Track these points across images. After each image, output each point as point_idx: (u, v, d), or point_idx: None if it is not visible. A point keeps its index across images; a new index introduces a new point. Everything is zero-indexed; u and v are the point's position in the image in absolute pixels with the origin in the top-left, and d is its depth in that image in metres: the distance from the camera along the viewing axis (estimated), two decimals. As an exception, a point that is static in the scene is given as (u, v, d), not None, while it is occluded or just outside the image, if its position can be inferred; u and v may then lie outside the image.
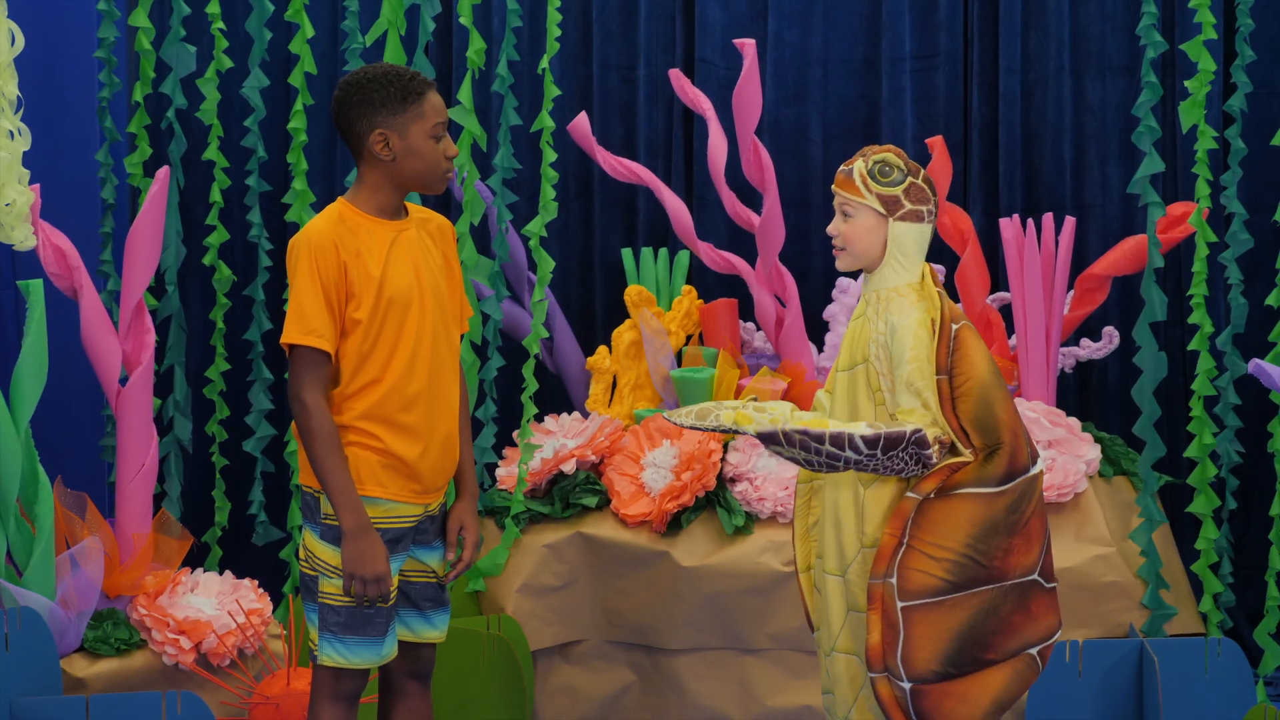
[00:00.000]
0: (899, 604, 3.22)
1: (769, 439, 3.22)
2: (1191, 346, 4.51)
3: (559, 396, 5.10)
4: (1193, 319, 4.48)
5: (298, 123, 4.59)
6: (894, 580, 3.22)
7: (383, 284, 3.29)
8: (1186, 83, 4.37)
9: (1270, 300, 4.45)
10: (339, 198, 3.39)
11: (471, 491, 3.49)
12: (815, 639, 3.48)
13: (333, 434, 3.26)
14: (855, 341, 3.37)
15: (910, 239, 3.35)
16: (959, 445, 3.26)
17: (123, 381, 4.19)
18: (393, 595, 3.33)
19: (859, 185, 3.36)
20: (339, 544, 3.27)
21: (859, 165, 3.37)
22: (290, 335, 3.26)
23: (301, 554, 3.37)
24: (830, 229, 3.41)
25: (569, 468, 4.51)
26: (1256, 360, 4.00)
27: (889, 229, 3.35)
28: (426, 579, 3.43)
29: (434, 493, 3.39)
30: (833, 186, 3.40)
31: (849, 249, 3.38)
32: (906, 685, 3.22)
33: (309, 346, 3.25)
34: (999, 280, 4.97)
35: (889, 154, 3.37)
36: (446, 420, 3.38)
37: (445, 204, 5.20)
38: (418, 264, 3.34)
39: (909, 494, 3.25)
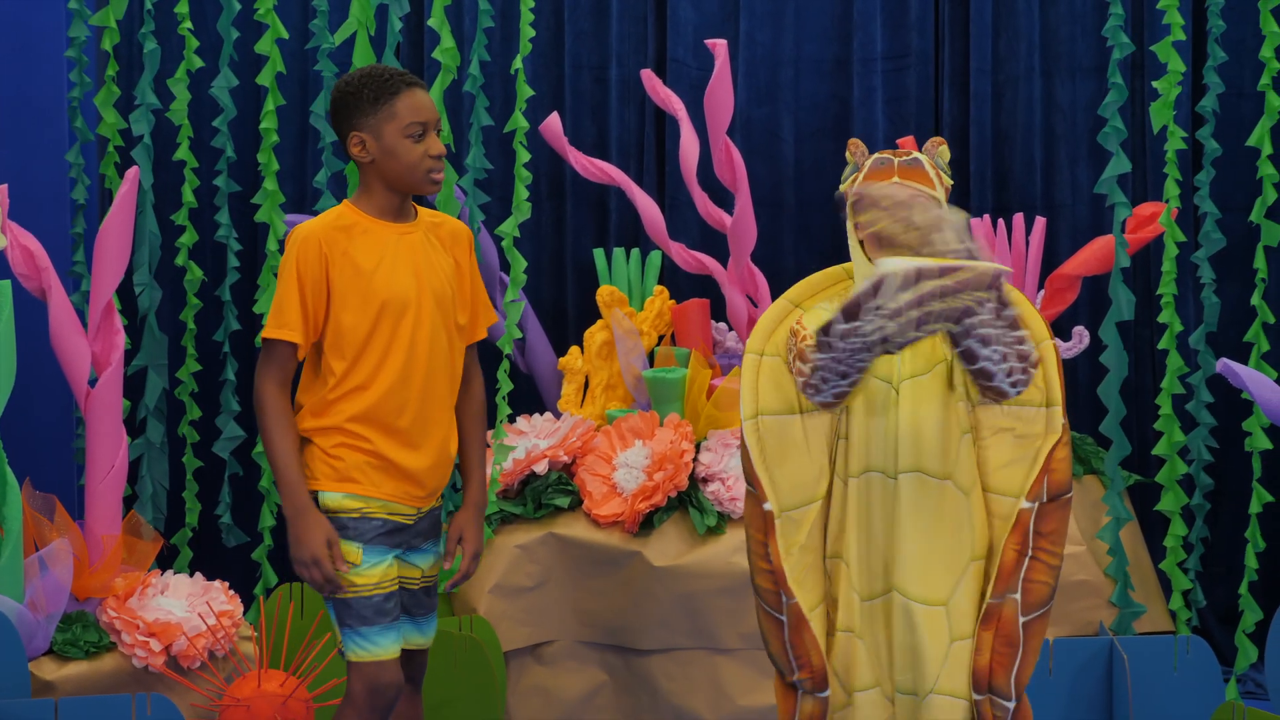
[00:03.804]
0: (1021, 619, 3.06)
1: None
2: (1161, 345, 4.53)
3: (531, 397, 5.10)
4: (1162, 318, 4.50)
5: (269, 123, 4.57)
6: (1017, 595, 3.05)
7: (372, 285, 3.25)
8: (1155, 83, 4.39)
9: (1254, 301, 4.46)
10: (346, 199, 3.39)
11: (476, 501, 3.42)
12: (852, 696, 3.14)
13: (282, 417, 3.24)
14: (911, 347, 3.06)
15: None
16: (1056, 417, 3.08)
17: (92, 383, 4.17)
18: (393, 583, 3.27)
19: (932, 177, 3.14)
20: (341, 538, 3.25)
21: (923, 156, 3.15)
22: (267, 330, 3.26)
23: None
24: None
25: (541, 468, 4.51)
26: (1225, 360, 4.02)
27: None
28: (420, 584, 3.38)
29: (428, 498, 3.34)
30: (898, 178, 3.12)
31: None
32: (1011, 705, 3.08)
33: (277, 339, 3.25)
34: (970, 280, 4.98)
35: (945, 144, 3.19)
36: (442, 426, 3.33)
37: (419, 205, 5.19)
38: (420, 268, 3.30)
39: (1024, 503, 3.06)
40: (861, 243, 3.15)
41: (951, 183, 3.18)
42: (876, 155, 3.18)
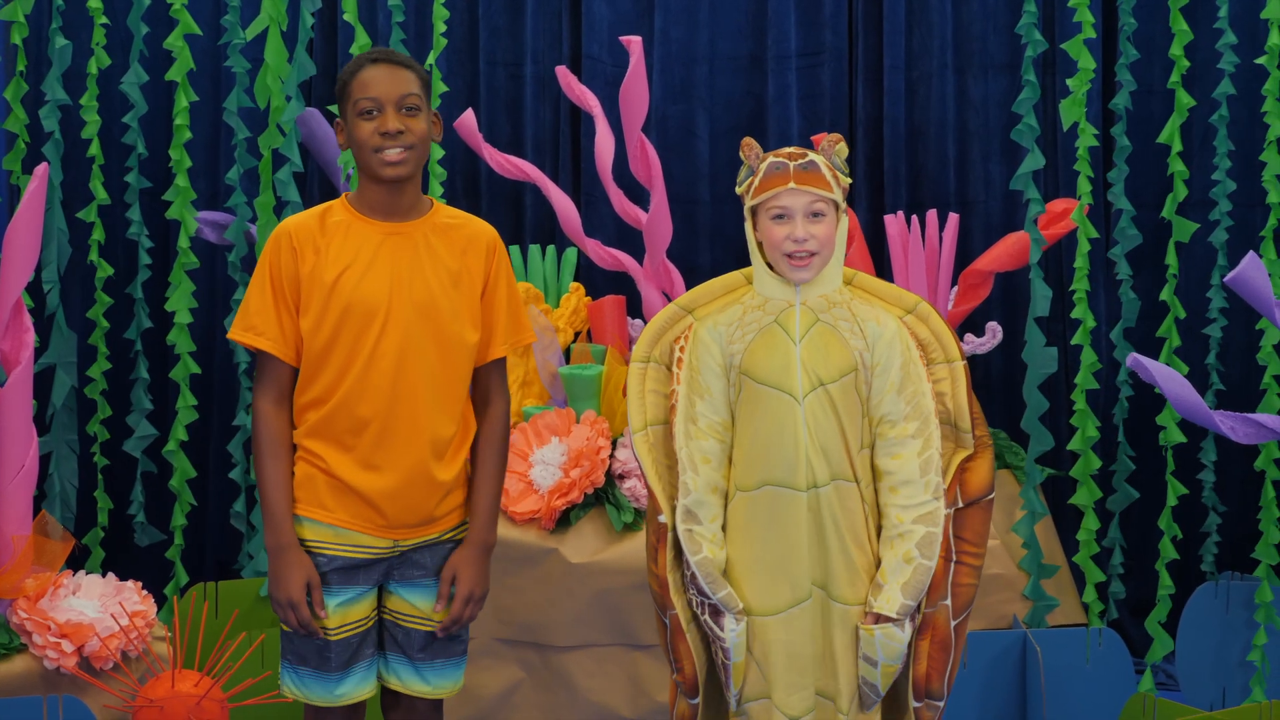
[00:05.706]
0: (952, 623, 3.06)
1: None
2: (1075, 340, 4.58)
3: (447, 394, 5.08)
4: (1075, 313, 4.55)
5: (182, 119, 4.53)
6: (948, 601, 3.04)
7: (336, 289, 2.98)
8: (1068, 81, 4.44)
9: (1167, 296, 4.52)
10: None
11: (476, 539, 3.14)
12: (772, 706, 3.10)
13: (272, 443, 3.01)
14: (816, 358, 3.03)
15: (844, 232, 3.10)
16: (966, 438, 3.08)
17: (1, 382, 4.11)
18: (343, 631, 3.07)
19: (829, 179, 3.03)
20: None
21: (818, 158, 3.04)
22: (232, 329, 3.04)
23: None
24: (800, 232, 3.01)
25: (457, 466, 4.49)
26: (1135, 355, 4.07)
27: (841, 224, 3.07)
28: (417, 625, 3.13)
29: (406, 529, 3.08)
30: (794, 184, 3.01)
31: (822, 254, 3.03)
32: (943, 704, 3.09)
33: (249, 345, 3.02)
34: (884, 276, 5.02)
35: (842, 141, 3.07)
36: (416, 450, 3.04)
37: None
38: (401, 272, 3.01)
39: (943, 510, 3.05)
40: (760, 245, 3.12)
41: (849, 181, 3.10)
42: (771, 159, 3.06)
